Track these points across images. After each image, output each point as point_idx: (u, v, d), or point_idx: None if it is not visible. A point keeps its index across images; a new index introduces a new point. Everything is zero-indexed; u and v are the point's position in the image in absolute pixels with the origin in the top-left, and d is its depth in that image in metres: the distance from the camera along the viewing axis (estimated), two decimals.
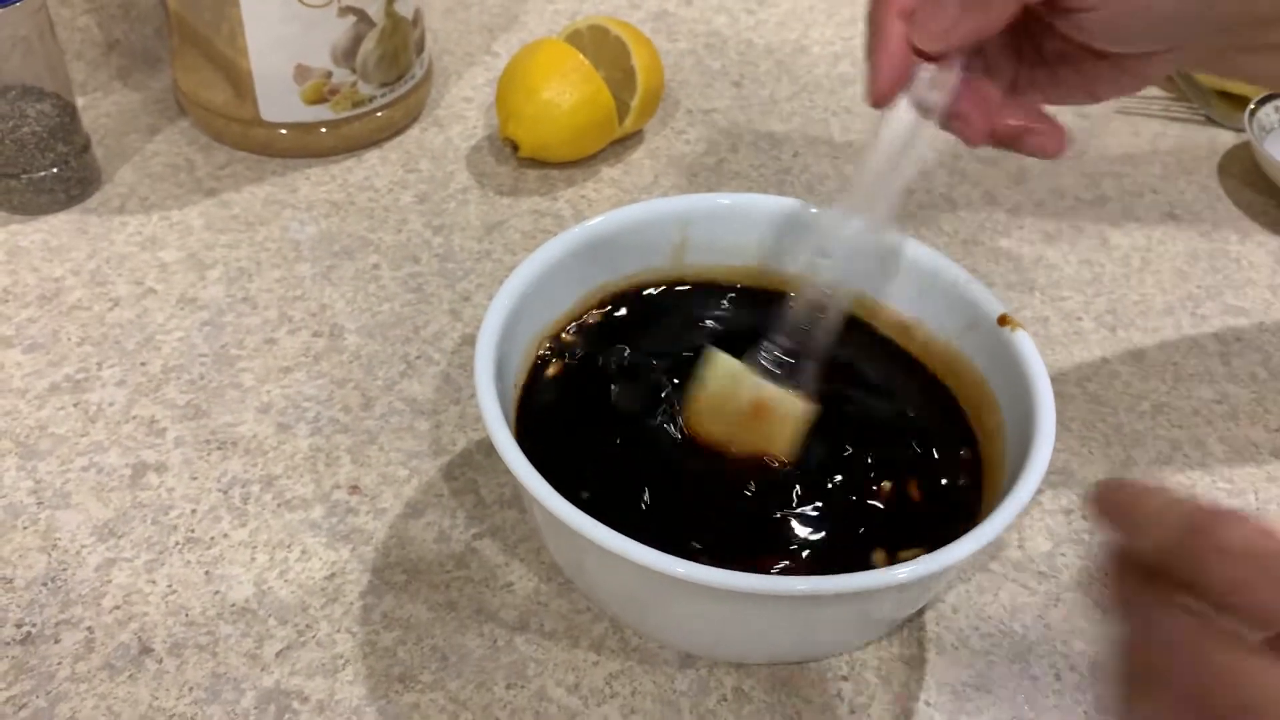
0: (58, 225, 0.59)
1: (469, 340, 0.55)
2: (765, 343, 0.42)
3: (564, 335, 0.46)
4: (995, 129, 0.41)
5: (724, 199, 0.48)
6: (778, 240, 0.48)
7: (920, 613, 0.44)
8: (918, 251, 0.46)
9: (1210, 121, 0.74)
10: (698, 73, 0.75)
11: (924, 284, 0.46)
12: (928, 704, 0.42)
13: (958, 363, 0.45)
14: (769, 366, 0.42)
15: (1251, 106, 0.69)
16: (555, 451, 0.40)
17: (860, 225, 0.41)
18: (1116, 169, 0.69)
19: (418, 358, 0.54)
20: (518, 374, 0.43)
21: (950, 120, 0.40)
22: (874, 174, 0.40)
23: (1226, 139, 0.73)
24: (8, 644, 0.42)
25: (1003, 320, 0.42)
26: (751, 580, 0.34)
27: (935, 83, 0.39)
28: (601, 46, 0.65)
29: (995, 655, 0.44)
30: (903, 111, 0.39)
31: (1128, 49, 0.40)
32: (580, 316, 0.47)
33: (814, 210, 0.47)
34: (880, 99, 0.39)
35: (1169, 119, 0.74)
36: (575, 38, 0.66)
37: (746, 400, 0.41)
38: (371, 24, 0.61)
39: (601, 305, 0.47)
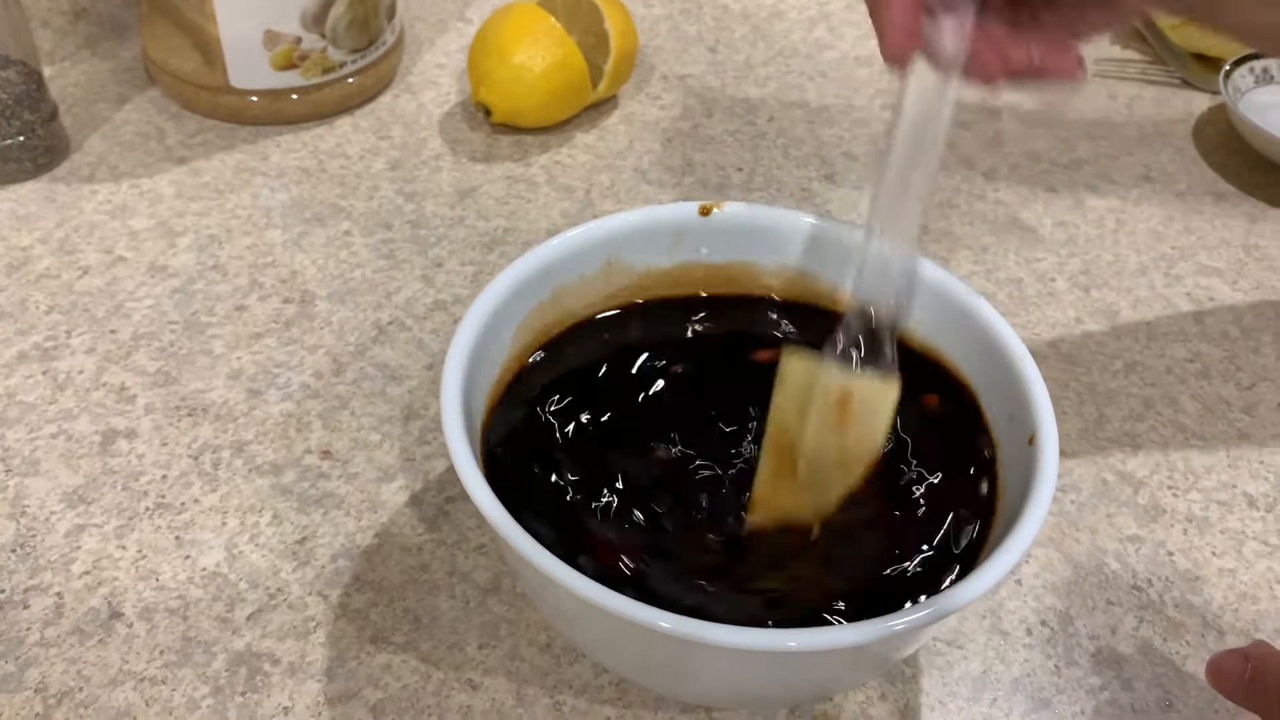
0: (25, 194, 0.59)
1: (441, 306, 0.55)
2: (835, 335, 0.39)
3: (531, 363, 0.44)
4: (1010, 65, 0.40)
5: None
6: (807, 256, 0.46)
7: None
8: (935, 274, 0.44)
9: (1186, 84, 0.74)
10: (673, 38, 0.75)
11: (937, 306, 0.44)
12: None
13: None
14: (845, 356, 0.39)
15: (1226, 68, 0.69)
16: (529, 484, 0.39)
17: (886, 243, 0.39)
18: (1092, 132, 0.69)
19: (390, 323, 0.53)
20: (484, 410, 0.41)
21: (966, 67, 0.38)
22: (905, 146, 0.38)
23: (1202, 101, 0.73)
24: None
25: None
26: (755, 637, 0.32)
27: (947, 31, 0.37)
28: (574, 10, 0.65)
29: (966, 611, 0.44)
30: (920, 70, 0.37)
31: None
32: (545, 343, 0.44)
33: (830, 224, 0.45)
34: (896, 56, 0.37)
35: (1145, 82, 0.74)
36: (548, 2, 0.65)
37: (832, 395, 0.39)
38: None
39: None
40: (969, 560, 0.38)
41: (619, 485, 0.40)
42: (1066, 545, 0.46)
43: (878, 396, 0.39)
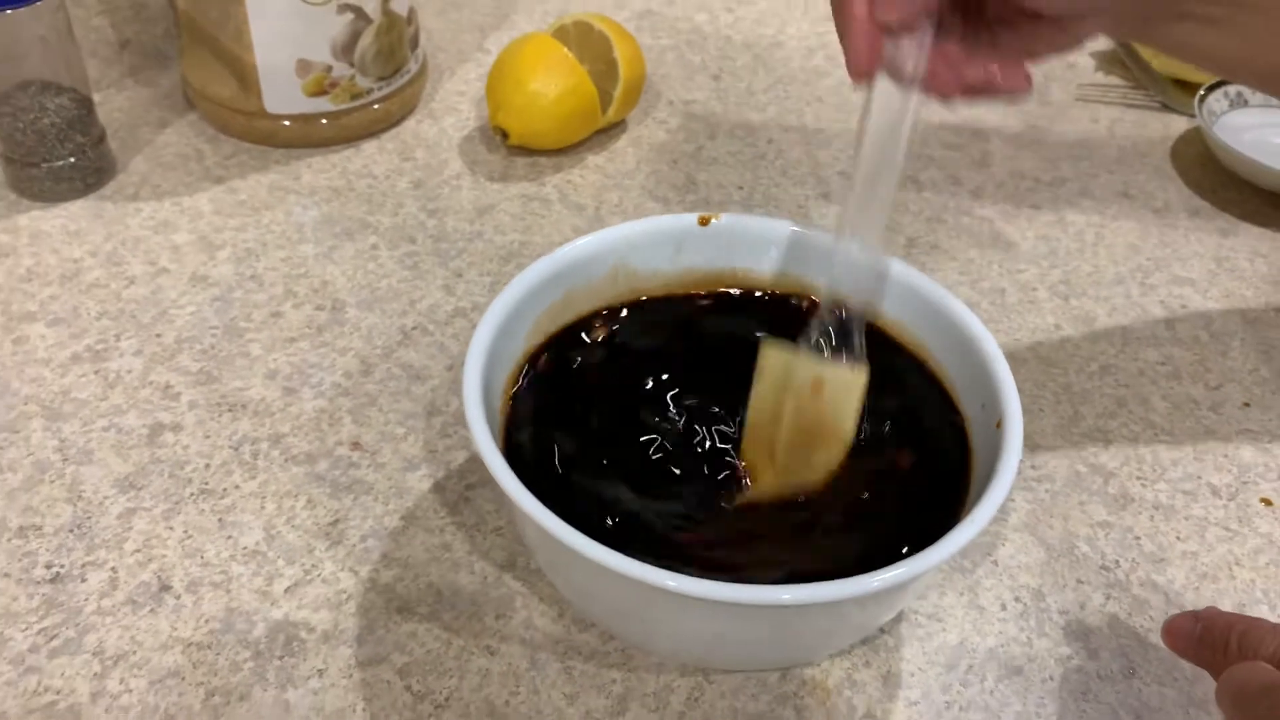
0: (76, 211, 0.63)
1: (461, 313, 0.59)
2: (809, 328, 0.44)
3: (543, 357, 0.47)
4: (964, 81, 0.44)
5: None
6: (789, 259, 0.50)
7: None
8: (905, 272, 0.48)
9: (1165, 108, 0.78)
10: (679, 67, 0.79)
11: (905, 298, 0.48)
12: (882, 631, 0.46)
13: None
14: (818, 346, 0.44)
15: (1201, 93, 0.73)
16: (544, 462, 0.43)
17: (856, 244, 0.43)
18: (1075, 152, 0.73)
19: (414, 328, 0.58)
20: (501, 399, 0.45)
21: (924, 83, 0.42)
22: (871, 155, 0.42)
23: (1180, 124, 0.77)
24: (39, 583, 0.45)
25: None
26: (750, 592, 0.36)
27: (906, 51, 0.41)
28: (585, 41, 0.69)
29: (946, 588, 0.48)
30: (883, 86, 0.41)
31: (1058, 10, 0.43)
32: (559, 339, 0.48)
33: (818, 233, 0.49)
34: (861, 75, 0.41)
35: (1126, 105, 0.78)
36: (561, 33, 0.70)
37: (805, 382, 0.43)
38: (368, 20, 0.65)
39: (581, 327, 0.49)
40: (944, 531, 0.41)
41: (622, 461, 0.44)
42: (1040, 530, 0.50)
43: (848, 382, 0.43)
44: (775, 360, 0.44)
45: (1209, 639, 0.39)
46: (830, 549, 0.42)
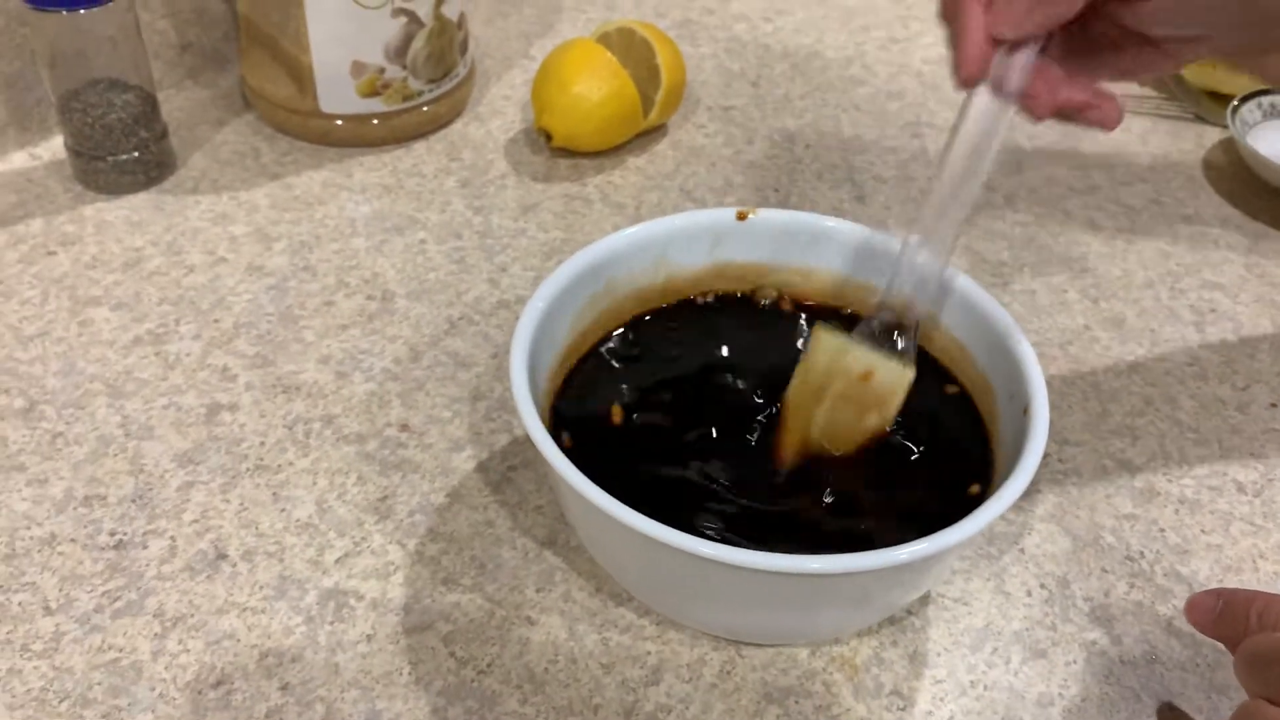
0: (138, 203, 0.66)
1: (505, 304, 0.61)
2: (866, 320, 0.46)
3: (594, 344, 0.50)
4: (1059, 104, 0.44)
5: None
6: (855, 264, 0.51)
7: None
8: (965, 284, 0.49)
9: (1198, 119, 0.79)
10: (718, 74, 0.81)
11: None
12: (910, 612, 0.47)
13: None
14: (872, 338, 0.45)
15: (1234, 104, 0.74)
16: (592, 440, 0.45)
17: (925, 254, 0.45)
18: (1108, 161, 0.75)
19: (460, 319, 0.60)
20: (548, 367, 0.47)
21: (1020, 99, 0.43)
22: (958, 162, 0.43)
23: (1213, 135, 0.78)
24: (103, 549, 0.48)
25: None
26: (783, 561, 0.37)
27: (1013, 66, 0.42)
28: (629, 46, 0.71)
29: (973, 574, 0.49)
30: (982, 96, 0.42)
31: (1173, 34, 0.43)
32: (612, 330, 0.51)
33: (888, 237, 0.50)
34: (968, 82, 0.42)
35: (1159, 117, 0.79)
36: (605, 39, 0.72)
37: (855, 370, 0.44)
38: (421, 24, 0.68)
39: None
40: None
41: (661, 440, 0.46)
42: (1067, 521, 0.51)
43: (895, 378, 0.45)
44: (828, 343, 0.45)
45: (1229, 614, 0.40)
46: (860, 529, 0.43)
